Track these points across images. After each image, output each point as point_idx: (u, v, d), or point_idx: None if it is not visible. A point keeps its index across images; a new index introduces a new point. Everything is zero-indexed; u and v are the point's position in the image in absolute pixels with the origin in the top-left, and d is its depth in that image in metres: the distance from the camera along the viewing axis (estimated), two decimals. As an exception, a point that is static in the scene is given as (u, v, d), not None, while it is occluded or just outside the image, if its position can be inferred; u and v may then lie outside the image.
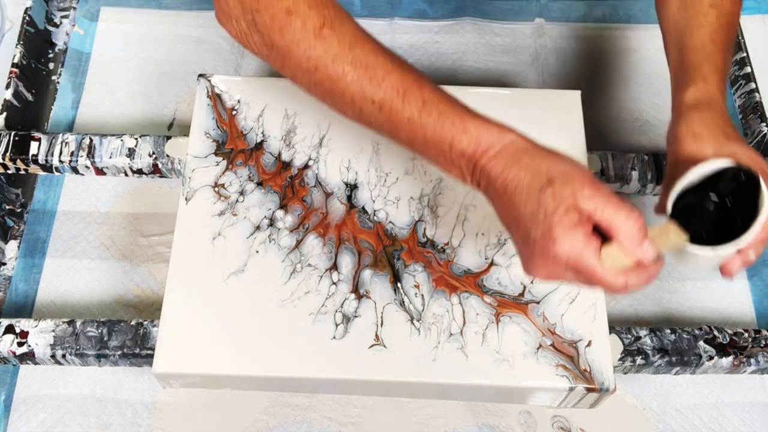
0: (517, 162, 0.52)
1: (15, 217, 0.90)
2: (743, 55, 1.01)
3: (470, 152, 0.54)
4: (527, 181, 0.51)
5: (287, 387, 0.73)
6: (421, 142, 0.55)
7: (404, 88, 0.55)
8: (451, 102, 0.55)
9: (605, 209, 0.49)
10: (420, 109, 0.55)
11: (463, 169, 0.55)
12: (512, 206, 0.52)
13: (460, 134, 0.54)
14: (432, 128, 0.54)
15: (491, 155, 0.53)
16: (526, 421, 0.81)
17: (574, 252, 0.49)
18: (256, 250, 0.70)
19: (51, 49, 1.01)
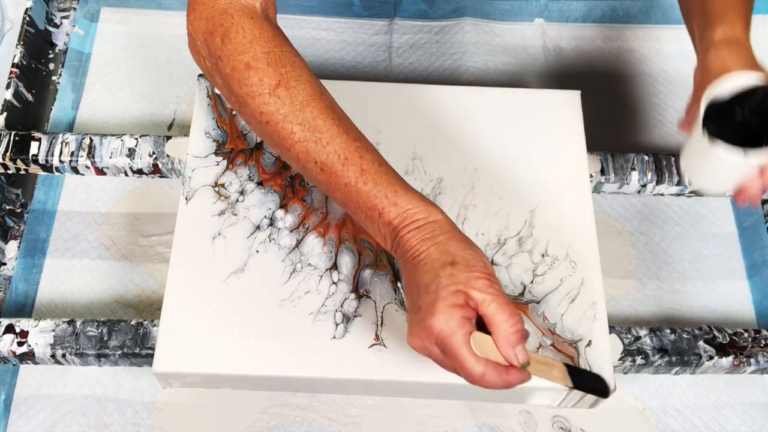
0: (433, 239, 0.56)
1: (15, 217, 0.90)
2: (743, 55, 1.01)
3: (396, 223, 0.57)
4: (434, 257, 0.55)
5: (287, 387, 0.73)
6: (354, 206, 0.59)
7: (346, 155, 0.58)
8: (388, 174, 0.59)
9: (491, 304, 0.53)
10: (357, 177, 0.58)
11: (387, 237, 0.58)
12: (415, 274, 0.55)
13: (390, 206, 0.57)
14: (366, 196, 0.58)
15: (412, 228, 0.56)
16: (526, 421, 0.81)
17: (447, 329, 0.52)
18: (256, 250, 0.70)
19: (51, 50, 1.01)
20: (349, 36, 1.06)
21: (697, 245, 0.93)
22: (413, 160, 0.76)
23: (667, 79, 1.05)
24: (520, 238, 0.72)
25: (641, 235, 0.93)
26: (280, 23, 1.06)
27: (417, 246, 0.56)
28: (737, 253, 0.93)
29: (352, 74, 1.03)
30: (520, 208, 0.74)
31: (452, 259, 0.54)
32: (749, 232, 0.94)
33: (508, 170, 0.76)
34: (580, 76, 1.05)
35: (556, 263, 0.71)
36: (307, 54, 1.04)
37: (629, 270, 0.91)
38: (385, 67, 1.04)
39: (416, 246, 0.56)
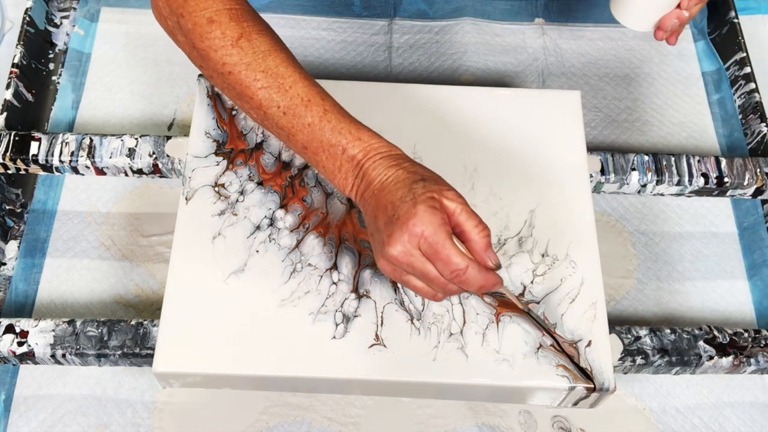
0: (399, 165, 0.59)
1: (15, 217, 0.90)
2: (743, 55, 1.01)
3: (360, 157, 0.60)
4: (403, 176, 0.58)
5: (287, 387, 0.73)
6: (317, 145, 0.61)
7: (309, 97, 0.61)
8: (349, 116, 0.62)
9: (462, 213, 0.56)
10: (321, 116, 0.61)
11: (348, 173, 0.60)
12: (387, 195, 0.57)
13: (354, 141, 0.60)
14: (330, 133, 0.61)
15: (377, 158, 0.59)
16: (526, 421, 0.81)
17: (431, 226, 0.54)
18: (256, 250, 0.70)
19: (51, 50, 1.01)
20: (349, 36, 1.06)
21: (697, 245, 0.93)
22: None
23: (667, 79, 1.05)
24: (520, 238, 0.72)
25: (641, 235, 0.93)
26: (280, 23, 1.06)
27: (384, 171, 0.58)
28: (737, 253, 0.93)
29: (352, 74, 1.03)
30: (520, 208, 0.74)
31: (422, 176, 0.58)
32: (749, 232, 0.94)
33: (508, 170, 0.76)
34: (580, 76, 1.05)
35: (556, 263, 0.71)
36: (307, 54, 1.04)
37: (629, 270, 0.91)
38: (385, 67, 1.04)
39: (384, 172, 0.58)
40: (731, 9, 1.05)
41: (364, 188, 0.60)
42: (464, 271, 0.55)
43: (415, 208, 0.55)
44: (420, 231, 0.54)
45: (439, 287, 0.57)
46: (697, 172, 0.86)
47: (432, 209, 0.55)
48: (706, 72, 1.06)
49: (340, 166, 0.61)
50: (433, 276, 0.56)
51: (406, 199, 0.56)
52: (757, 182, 0.86)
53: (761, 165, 0.87)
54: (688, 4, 0.67)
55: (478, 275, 0.56)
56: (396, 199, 0.56)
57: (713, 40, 1.07)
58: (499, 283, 0.58)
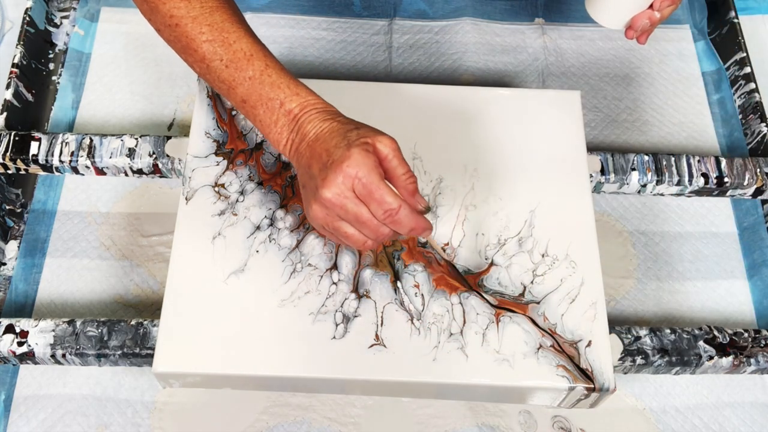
0: (334, 118, 0.61)
1: (15, 217, 0.90)
2: (743, 55, 1.01)
3: (297, 111, 0.62)
4: (338, 127, 0.60)
5: (287, 387, 0.73)
6: (255, 99, 0.63)
7: (252, 52, 0.64)
8: (290, 74, 0.64)
9: (393, 159, 0.59)
10: (262, 71, 0.63)
11: (284, 127, 0.62)
12: (319, 146, 0.59)
13: (292, 96, 0.62)
14: (269, 87, 0.62)
15: (313, 113, 0.61)
16: (526, 421, 0.81)
17: (365, 167, 0.56)
18: (256, 250, 0.70)
19: (51, 50, 1.01)
20: (349, 36, 1.06)
21: (697, 245, 0.93)
22: (413, 160, 0.76)
23: (667, 79, 1.05)
24: (520, 239, 0.72)
25: (641, 235, 0.93)
26: (280, 23, 1.06)
27: (320, 124, 0.60)
28: (737, 253, 0.93)
29: (352, 74, 1.03)
30: (520, 208, 0.74)
31: (356, 126, 0.60)
32: (749, 232, 0.94)
33: (508, 170, 0.76)
34: (580, 76, 1.05)
35: (556, 263, 0.71)
36: (307, 54, 1.04)
37: (629, 270, 0.91)
38: (385, 67, 1.04)
39: (319, 124, 0.60)
40: (731, 9, 1.05)
41: (299, 141, 0.61)
42: (397, 211, 0.57)
43: (350, 151, 0.56)
44: (354, 173, 0.56)
45: (371, 231, 0.58)
46: (697, 172, 0.86)
47: (365, 152, 0.57)
48: (706, 72, 1.06)
49: (277, 120, 0.62)
50: (365, 218, 0.58)
51: (341, 145, 0.57)
52: (757, 182, 0.86)
53: (761, 165, 0.87)
54: (661, 5, 0.68)
55: (410, 216, 0.58)
56: (331, 146, 0.58)
57: (713, 40, 1.07)
58: (429, 228, 0.60)
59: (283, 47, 1.04)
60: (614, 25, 0.71)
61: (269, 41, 1.04)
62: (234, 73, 0.63)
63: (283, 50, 1.04)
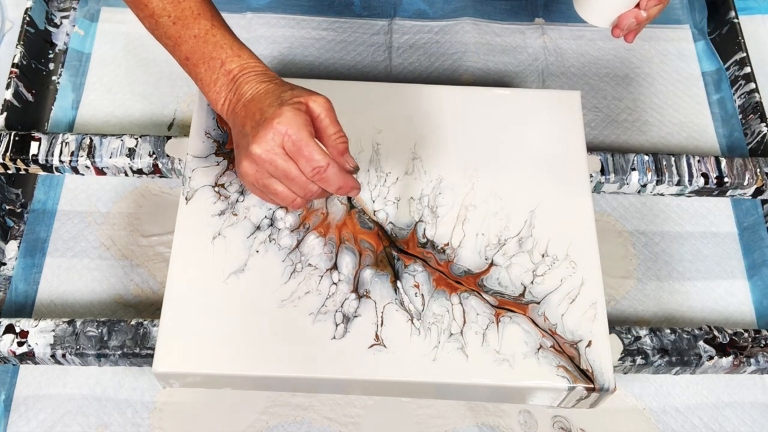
0: (272, 81, 0.63)
1: (15, 217, 0.90)
2: (743, 55, 1.01)
3: (236, 72, 0.63)
4: (273, 88, 0.61)
5: (287, 387, 0.73)
6: (198, 57, 0.65)
7: (199, 11, 0.65)
8: (234, 36, 0.66)
9: (326, 118, 0.61)
10: (207, 30, 0.65)
11: (223, 87, 0.64)
12: (253, 105, 0.61)
13: (233, 56, 0.64)
14: (212, 47, 0.64)
15: (251, 74, 0.63)
16: (526, 421, 0.81)
17: (294, 124, 0.58)
18: (256, 250, 0.70)
19: (51, 50, 1.01)
20: (349, 36, 1.06)
21: (697, 245, 0.93)
22: (413, 160, 0.76)
23: (667, 79, 1.05)
24: (520, 239, 0.72)
25: (641, 235, 0.93)
26: (281, 23, 1.06)
27: (256, 85, 0.62)
28: (737, 253, 0.93)
29: (352, 74, 1.03)
30: (520, 208, 0.74)
31: (292, 87, 0.62)
32: (749, 232, 0.94)
33: (508, 170, 0.76)
34: (580, 76, 1.05)
35: (556, 263, 0.71)
36: (307, 54, 1.04)
37: (629, 270, 0.91)
38: (385, 67, 1.04)
39: (256, 86, 0.62)
40: (731, 9, 1.05)
41: (236, 101, 0.63)
42: (325, 168, 0.58)
43: (281, 109, 0.58)
44: (284, 129, 0.58)
45: (300, 188, 0.60)
46: (697, 172, 0.86)
47: (297, 110, 0.58)
48: (706, 72, 1.06)
49: (216, 80, 0.64)
50: (294, 175, 0.59)
51: (274, 104, 0.59)
52: (757, 182, 0.86)
53: (761, 165, 0.87)
54: (647, 4, 0.69)
55: (338, 174, 0.60)
56: (264, 105, 0.60)
57: (713, 40, 1.07)
58: (357, 187, 0.62)
59: (283, 47, 1.04)
60: (601, 23, 0.72)
61: (269, 41, 1.05)
62: (180, 30, 0.65)
63: (283, 50, 1.04)
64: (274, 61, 1.03)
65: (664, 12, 1.10)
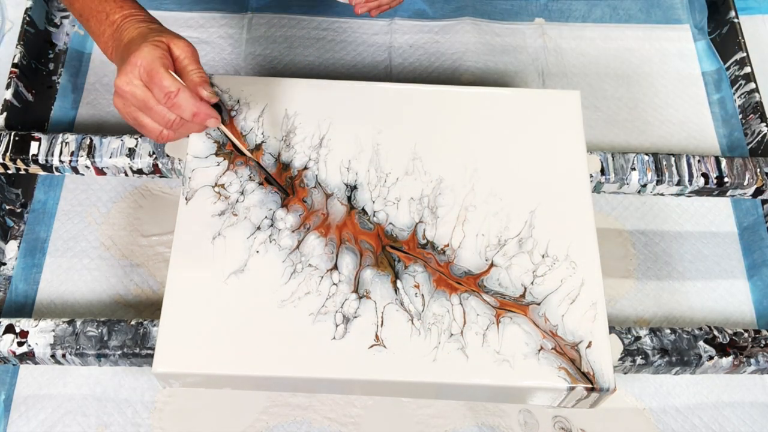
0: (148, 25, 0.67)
1: (15, 217, 0.90)
2: (743, 55, 1.01)
3: (119, 21, 0.68)
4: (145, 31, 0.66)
5: (287, 387, 0.73)
6: (88, 12, 0.70)
7: None
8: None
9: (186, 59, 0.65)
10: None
11: (110, 38, 0.69)
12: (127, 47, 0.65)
13: (116, 8, 0.69)
14: (98, 2, 0.70)
15: (132, 21, 0.68)
16: (526, 421, 0.81)
17: (149, 57, 0.62)
18: (256, 250, 0.70)
19: (51, 50, 1.01)
20: (349, 36, 1.06)
21: (697, 245, 0.93)
22: (413, 160, 0.76)
23: (667, 79, 1.05)
24: (520, 239, 0.72)
25: (641, 235, 0.93)
26: (281, 23, 1.06)
27: (134, 31, 0.67)
28: (737, 253, 0.93)
29: (352, 74, 1.03)
30: (520, 209, 0.74)
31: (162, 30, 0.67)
32: (749, 232, 0.94)
33: (508, 170, 0.76)
34: (580, 76, 1.05)
35: (556, 264, 0.71)
36: (306, 54, 1.04)
37: (629, 270, 0.91)
38: (385, 67, 1.04)
39: (134, 31, 0.67)
40: (731, 9, 1.05)
41: (118, 46, 0.67)
42: (176, 93, 0.62)
43: (141, 46, 0.63)
44: (140, 62, 0.62)
45: (159, 118, 0.64)
46: (697, 172, 0.86)
47: (154, 46, 0.63)
48: (706, 72, 1.06)
49: (104, 31, 0.69)
50: (151, 104, 0.63)
51: (138, 42, 0.64)
52: (757, 182, 0.86)
53: (761, 165, 0.87)
54: None
55: (190, 100, 0.63)
56: (133, 42, 0.65)
57: (713, 40, 1.07)
58: (213, 116, 0.65)
59: (283, 47, 1.04)
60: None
61: (269, 41, 1.05)
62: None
63: (283, 50, 1.04)
64: (274, 61, 1.03)
65: (665, 12, 1.11)
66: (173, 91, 0.62)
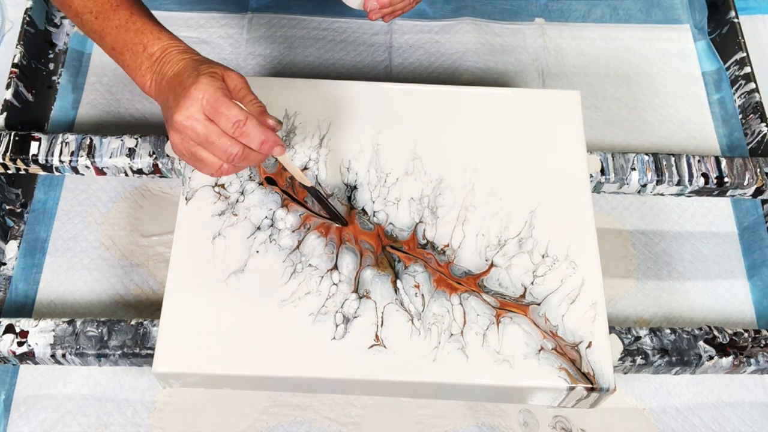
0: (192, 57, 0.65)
1: (15, 217, 0.90)
2: (743, 55, 1.01)
3: (158, 54, 0.66)
4: (192, 63, 0.64)
5: (287, 387, 0.73)
6: (122, 45, 0.67)
7: (117, 3, 0.68)
8: (156, 22, 0.69)
9: (242, 90, 0.63)
10: (127, 19, 0.67)
11: (147, 70, 0.66)
12: (175, 80, 0.63)
13: (154, 40, 0.66)
14: (133, 34, 0.67)
15: (173, 53, 0.65)
16: (526, 421, 0.81)
17: (210, 89, 0.60)
18: (256, 250, 0.70)
19: (51, 50, 1.01)
20: (349, 36, 1.06)
21: (697, 245, 0.93)
22: (413, 160, 0.76)
23: (667, 79, 1.05)
24: (520, 239, 0.72)
25: (641, 235, 0.93)
26: (281, 23, 1.06)
27: (178, 62, 0.64)
28: (737, 253, 0.93)
29: (352, 74, 1.03)
30: (520, 209, 0.74)
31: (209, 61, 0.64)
32: (749, 232, 0.94)
33: (508, 170, 0.76)
34: (580, 76, 1.05)
35: (556, 264, 0.71)
36: (306, 54, 1.04)
37: (629, 270, 0.91)
38: (385, 67, 1.04)
39: (177, 62, 0.64)
40: (731, 9, 1.05)
41: (160, 80, 0.65)
42: (244, 122, 0.60)
43: (197, 79, 0.60)
44: (201, 95, 0.60)
45: (222, 152, 0.61)
46: (697, 172, 0.86)
47: (212, 78, 0.61)
48: (706, 72, 1.06)
49: (141, 64, 0.66)
50: (213, 139, 0.60)
51: (192, 75, 0.61)
52: (757, 182, 0.86)
53: (761, 165, 0.87)
54: None
55: (258, 128, 0.61)
56: (183, 78, 0.62)
57: (713, 40, 1.07)
58: (279, 144, 0.62)
59: (283, 47, 1.04)
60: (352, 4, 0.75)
61: (269, 41, 1.05)
62: (103, 24, 0.68)
63: (283, 50, 1.04)
64: (274, 61, 1.03)
65: (664, 12, 1.11)
66: (242, 120, 0.60)
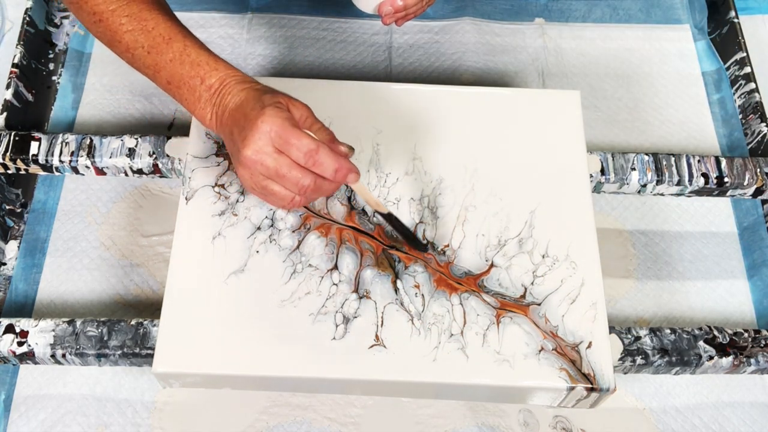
0: (253, 87, 0.64)
1: (15, 217, 0.90)
2: (743, 55, 1.01)
3: (216, 86, 0.64)
4: (254, 93, 0.62)
5: (287, 387, 0.73)
6: (178, 80, 0.66)
7: (170, 35, 0.66)
8: (210, 51, 0.67)
9: (308, 119, 0.63)
10: (181, 52, 0.65)
11: (207, 103, 0.65)
12: (238, 112, 0.62)
13: (211, 71, 0.65)
14: (189, 67, 0.65)
15: (232, 84, 0.64)
16: (526, 421, 0.81)
17: (278, 120, 0.59)
18: (256, 251, 0.70)
19: (51, 50, 1.01)
20: (349, 36, 1.06)
21: (697, 245, 0.93)
22: (413, 160, 0.76)
23: (667, 79, 1.05)
24: (520, 239, 0.72)
25: (641, 235, 0.93)
26: (281, 23, 1.06)
27: (239, 93, 0.63)
28: (737, 253, 0.93)
29: (352, 74, 1.03)
30: (520, 209, 0.74)
31: (272, 91, 0.63)
32: (749, 232, 0.94)
33: (508, 170, 0.76)
34: (580, 76, 1.05)
35: (556, 264, 0.71)
36: (306, 54, 1.04)
37: (629, 270, 0.91)
38: (385, 67, 1.04)
39: (238, 93, 0.63)
40: (731, 9, 1.05)
41: (222, 113, 0.64)
42: (317, 150, 0.59)
43: (263, 110, 0.59)
44: (269, 128, 0.59)
45: (293, 185, 0.60)
46: (697, 172, 0.86)
47: (278, 109, 0.59)
48: (706, 72, 1.06)
49: (200, 97, 0.65)
50: (284, 171, 0.60)
51: (256, 107, 0.60)
52: (757, 182, 0.86)
53: (761, 165, 0.87)
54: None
55: (331, 156, 0.60)
56: (248, 110, 0.61)
57: (713, 40, 1.07)
58: (354, 171, 0.61)
59: (283, 47, 1.04)
60: (367, 9, 0.76)
61: (269, 41, 1.05)
62: (156, 58, 0.66)
63: (283, 50, 1.04)
64: (274, 61, 1.03)
65: (664, 12, 1.11)
66: (314, 149, 0.59)
